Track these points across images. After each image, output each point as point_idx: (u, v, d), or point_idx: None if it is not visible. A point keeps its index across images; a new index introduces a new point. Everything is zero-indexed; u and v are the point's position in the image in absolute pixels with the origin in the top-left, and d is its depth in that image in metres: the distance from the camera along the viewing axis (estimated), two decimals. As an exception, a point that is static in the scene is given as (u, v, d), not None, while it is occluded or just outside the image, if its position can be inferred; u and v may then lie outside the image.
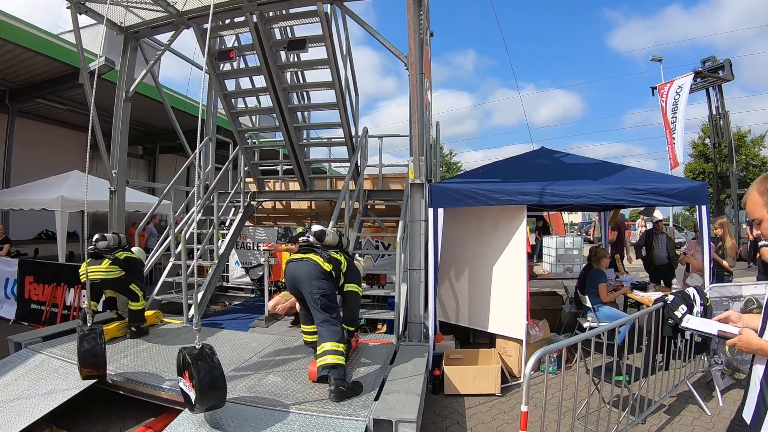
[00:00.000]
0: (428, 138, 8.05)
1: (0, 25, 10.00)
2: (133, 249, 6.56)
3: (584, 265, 7.65)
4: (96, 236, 6.10)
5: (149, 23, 7.46)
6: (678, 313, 4.23)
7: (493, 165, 7.61)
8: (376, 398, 4.13)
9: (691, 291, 4.60)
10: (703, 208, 5.89)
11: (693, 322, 2.62)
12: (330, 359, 4.25)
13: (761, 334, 2.09)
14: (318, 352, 4.39)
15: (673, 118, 14.65)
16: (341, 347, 4.35)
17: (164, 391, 4.49)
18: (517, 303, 5.84)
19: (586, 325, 6.34)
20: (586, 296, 6.52)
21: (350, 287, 4.91)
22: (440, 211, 6.03)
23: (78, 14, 6.90)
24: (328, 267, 4.53)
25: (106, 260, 5.89)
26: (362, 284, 7.56)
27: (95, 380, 4.62)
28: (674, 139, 14.53)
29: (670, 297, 4.50)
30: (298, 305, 5.56)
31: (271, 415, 3.90)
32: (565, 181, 6.06)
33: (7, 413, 4.19)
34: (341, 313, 4.95)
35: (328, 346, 4.31)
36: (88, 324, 4.65)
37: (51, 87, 10.75)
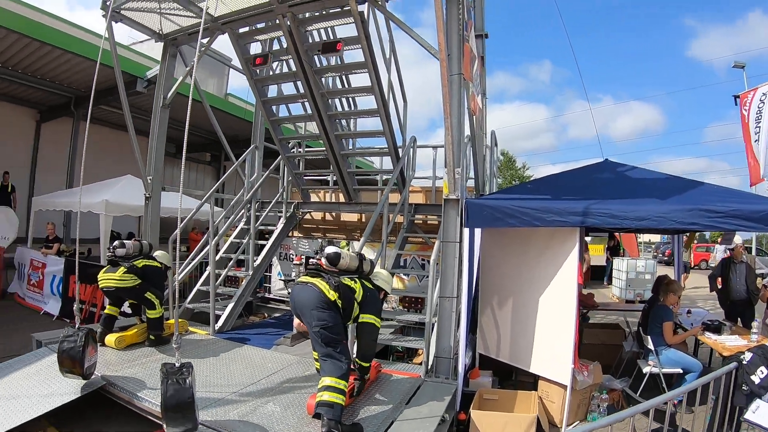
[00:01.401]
0: (482, 149, 7.33)
1: (67, 39, 10.51)
2: (157, 253, 6.36)
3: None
4: (115, 243, 6.02)
5: (186, 29, 7.28)
6: (756, 378, 3.25)
7: (545, 179, 6.76)
8: (375, 447, 3.54)
9: (773, 346, 3.60)
10: (796, 236, 4.78)
11: (764, 414, 1.90)
12: (326, 396, 3.71)
13: None
14: (318, 387, 3.85)
15: (756, 128, 12.99)
16: (342, 384, 3.80)
17: (157, 408, 4.09)
18: (563, 342, 4.96)
19: (646, 369, 5.37)
20: (648, 336, 5.52)
21: (366, 318, 4.29)
22: (477, 231, 5.27)
23: (114, 22, 6.74)
24: (333, 296, 3.97)
25: (122, 268, 5.78)
26: (398, 307, 6.98)
27: (97, 387, 4.62)
28: (757, 152, 12.85)
29: (747, 355, 3.50)
30: None
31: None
32: (628, 199, 5.09)
33: (4, 410, 4.20)
34: (356, 344, 4.49)
35: (328, 381, 3.78)
36: (77, 325, 4.60)
37: (113, 94, 10.96)
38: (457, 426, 4.71)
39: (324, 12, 6.24)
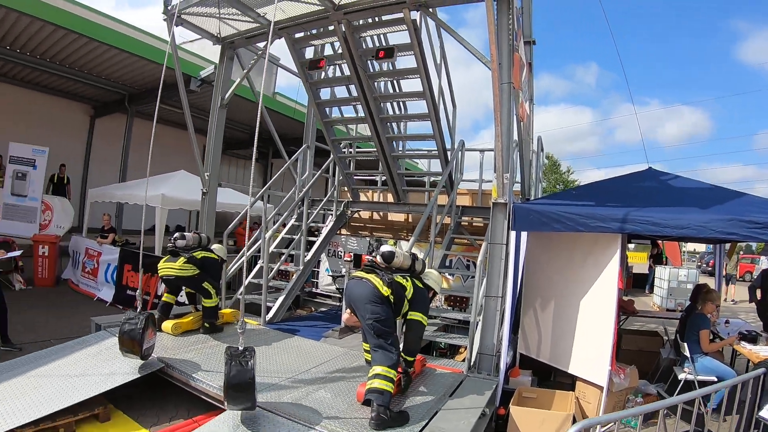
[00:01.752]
0: (528, 153, 7.58)
1: (120, 38, 11.15)
2: (215, 246, 6.79)
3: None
4: (176, 234, 6.45)
5: (243, 33, 7.72)
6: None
7: (590, 186, 6.97)
8: (419, 433, 3.84)
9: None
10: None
11: None
12: (377, 384, 4.04)
13: None
14: (369, 375, 4.20)
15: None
16: (392, 373, 4.12)
17: (213, 390, 4.62)
18: (602, 345, 5.19)
19: (681, 376, 5.52)
20: (685, 343, 5.69)
21: (414, 316, 4.58)
22: (523, 234, 5.55)
23: (175, 26, 7.17)
24: (386, 292, 4.29)
25: (182, 258, 6.20)
26: (443, 305, 7.29)
27: (155, 369, 5.02)
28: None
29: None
30: None
31: (306, 433, 3.83)
32: (669, 208, 5.30)
33: (68, 386, 4.59)
34: (402, 339, 4.74)
35: (378, 369, 4.12)
36: (138, 310, 4.99)
37: (166, 91, 11.61)
38: (496, 421, 4.98)
39: (378, 19, 6.58)
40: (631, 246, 18.44)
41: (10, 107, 13.56)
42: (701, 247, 35.65)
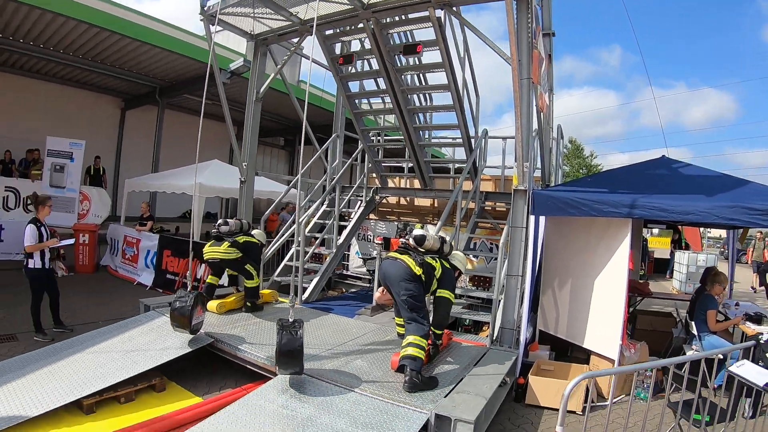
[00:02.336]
0: (548, 142, 8.07)
1: (151, 33, 11.74)
2: (254, 232, 7.37)
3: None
4: (219, 221, 7.05)
5: (276, 31, 8.23)
6: (773, 355, 3.93)
7: (605, 173, 7.44)
8: (447, 395, 4.42)
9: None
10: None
11: (746, 369, 2.42)
12: (410, 351, 4.61)
13: None
14: (402, 344, 4.78)
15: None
16: (423, 342, 4.70)
17: (260, 360, 5.25)
18: (613, 321, 5.75)
19: (689, 353, 6.00)
20: (693, 323, 6.18)
21: (442, 293, 5.15)
22: (542, 219, 6.10)
23: (210, 24, 7.68)
24: (418, 271, 4.84)
25: (226, 243, 6.79)
26: (468, 285, 7.86)
27: (205, 344, 5.59)
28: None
29: (765, 336, 4.19)
30: None
31: (347, 395, 4.43)
32: (676, 195, 5.79)
33: (126, 360, 5.17)
34: (432, 314, 5.28)
35: (411, 338, 4.69)
36: (188, 289, 5.57)
37: (196, 84, 12.10)
38: (516, 390, 5.57)
39: (405, 17, 7.06)
40: (655, 231, 18.76)
41: (43, 102, 14.29)
42: (725, 233, 35.26)
